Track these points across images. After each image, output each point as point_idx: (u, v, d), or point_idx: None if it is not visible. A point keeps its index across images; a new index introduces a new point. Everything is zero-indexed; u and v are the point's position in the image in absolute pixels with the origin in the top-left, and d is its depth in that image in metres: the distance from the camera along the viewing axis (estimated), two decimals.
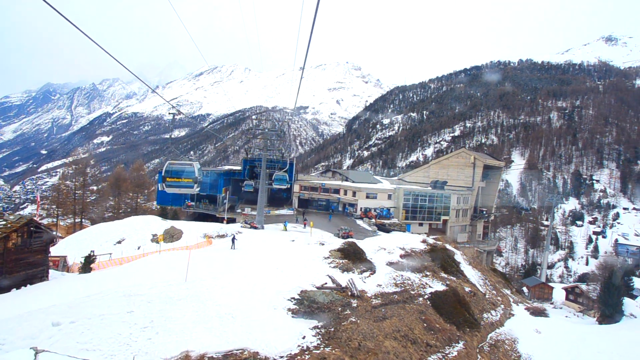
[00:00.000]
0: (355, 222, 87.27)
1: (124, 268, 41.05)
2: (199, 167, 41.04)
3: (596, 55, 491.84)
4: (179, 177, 39.51)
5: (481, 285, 55.44)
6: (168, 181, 39.56)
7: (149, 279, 33.40)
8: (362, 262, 44.44)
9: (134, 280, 33.35)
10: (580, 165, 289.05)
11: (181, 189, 40.37)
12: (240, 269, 38.19)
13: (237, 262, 41.30)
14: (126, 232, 67.71)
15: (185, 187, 39.83)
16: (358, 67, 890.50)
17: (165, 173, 39.65)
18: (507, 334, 44.76)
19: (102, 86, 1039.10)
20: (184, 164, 40.13)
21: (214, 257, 44.46)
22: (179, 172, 39.65)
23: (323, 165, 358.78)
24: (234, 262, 41.61)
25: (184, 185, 39.71)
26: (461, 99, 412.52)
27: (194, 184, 39.76)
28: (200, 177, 41.06)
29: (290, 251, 48.71)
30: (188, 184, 39.50)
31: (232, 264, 40.41)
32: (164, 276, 34.08)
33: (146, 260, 43.40)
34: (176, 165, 39.98)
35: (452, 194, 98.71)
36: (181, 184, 39.48)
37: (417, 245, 55.04)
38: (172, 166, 39.94)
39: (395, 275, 43.55)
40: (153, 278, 33.65)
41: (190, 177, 39.45)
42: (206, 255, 45.45)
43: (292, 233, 68.96)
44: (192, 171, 39.80)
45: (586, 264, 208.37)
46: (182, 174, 39.53)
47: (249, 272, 36.79)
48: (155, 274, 35.42)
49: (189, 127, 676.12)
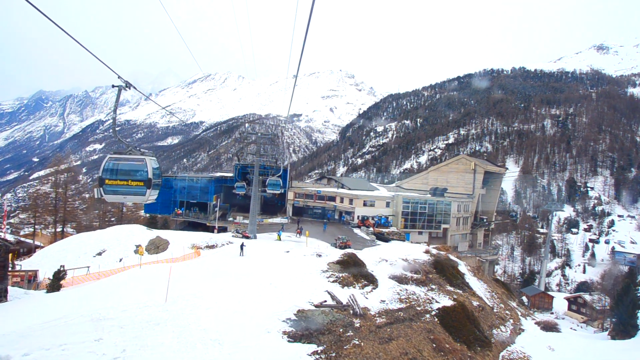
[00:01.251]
0: (353, 231, 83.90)
1: (97, 285, 37.06)
2: (156, 164, 26.63)
3: (588, 63, 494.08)
4: (125, 178, 25.40)
5: (488, 299, 52.24)
6: (108, 185, 25.07)
7: (124, 298, 29.63)
8: (363, 275, 41.13)
9: (107, 300, 29.60)
10: (575, 172, 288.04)
11: (127, 196, 25.73)
12: (229, 285, 34.65)
13: (226, 277, 37.58)
14: (108, 242, 62.83)
15: (134, 194, 25.48)
16: (351, 75, 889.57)
17: (103, 173, 25.24)
18: (519, 352, 41.43)
19: (95, 94, 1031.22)
20: (132, 160, 25.69)
21: (200, 271, 40.87)
22: (125, 171, 25.49)
23: (317, 173, 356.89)
24: (222, 277, 37.95)
25: (132, 192, 25.43)
26: (454, 107, 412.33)
27: (147, 189, 25.51)
28: (157, 179, 26.75)
29: (285, 264, 45.06)
30: (138, 190, 25.33)
31: (219, 280, 36.65)
32: (141, 295, 30.38)
33: (124, 276, 39.42)
34: (121, 162, 25.51)
35: (453, 202, 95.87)
36: (128, 189, 25.35)
37: (420, 256, 51.80)
38: (114, 163, 25.44)
39: (399, 289, 40.42)
40: (129, 297, 29.89)
41: (141, 179, 25.33)
42: (191, 269, 41.84)
43: (287, 243, 64.93)
44: (144, 170, 25.48)
45: (583, 272, 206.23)
46: (128, 175, 25.47)
47: (239, 289, 33.33)
48: (132, 293, 31.60)
49: (182, 134, 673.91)
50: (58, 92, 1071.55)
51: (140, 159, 25.56)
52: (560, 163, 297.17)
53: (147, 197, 25.52)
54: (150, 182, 25.48)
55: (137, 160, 25.52)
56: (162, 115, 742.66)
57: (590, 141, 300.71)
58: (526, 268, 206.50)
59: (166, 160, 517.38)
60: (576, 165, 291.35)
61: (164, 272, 35.78)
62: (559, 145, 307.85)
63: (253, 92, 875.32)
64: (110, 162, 25.23)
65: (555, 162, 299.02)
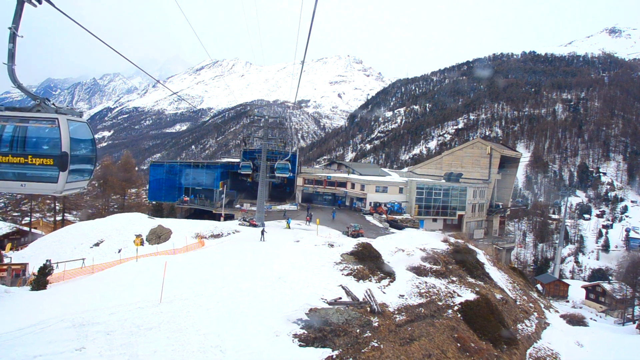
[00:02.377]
0: (365, 218, 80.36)
1: (88, 282, 34.01)
2: (85, 131, 15.61)
3: (600, 47, 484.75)
4: (20, 153, 13.66)
5: (510, 290, 49.47)
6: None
7: (115, 298, 26.62)
8: (379, 267, 38.42)
9: (95, 300, 26.58)
10: (587, 157, 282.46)
11: (25, 182, 13.87)
12: (234, 279, 31.56)
13: (230, 271, 34.44)
14: (106, 232, 58.44)
15: (38, 180, 13.92)
16: (359, 60, 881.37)
17: None
18: (546, 350, 38.71)
19: (103, 81, 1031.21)
20: (35, 121, 13.80)
21: (202, 264, 37.88)
22: (20, 140, 13.75)
23: (325, 159, 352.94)
24: (226, 270, 34.89)
25: (33, 176, 13.81)
26: (464, 92, 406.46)
27: (60, 171, 13.68)
28: (83, 154, 15.32)
29: (295, 255, 41.43)
30: (43, 172, 13.79)
31: (223, 274, 33.58)
32: (134, 294, 27.41)
33: (118, 271, 36.42)
34: (14, 124, 13.89)
35: (468, 187, 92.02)
36: (24, 170, 13.74)
37: (438, 246, 48.98)
38: (1, 125, 13.90)
39: (418, 282, 37.74)
40: (120, 297, 26.90)
41: (50, 155, 13.68)
42: (193, 261, 38.86)
43: (297, 231, 61.06)
44: (55, 138, 13.63)
45: (597, 258, 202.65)
46: (26, 146, 13.72)
47: (244, 285, 30.29)
48: (124, 291, 28.61)
49: (190, 121, 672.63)
50: (66, 80, 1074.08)
51: (49, 118, 13.80)
52: (572, 148, 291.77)
53: (61, 186, 13.96)
54: (66, 160, 13.72)
55: (42, 120, 13.85)
56: (170, 102, 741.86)
57: (602, 126, 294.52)
58: (538, 255, 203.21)
59: (175, 147, 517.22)
60: (588, 151, 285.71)
61: (162, 265, 32.19)
62: (571, 130, 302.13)
63: (261, 78, 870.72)
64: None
65: (566, 147, 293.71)
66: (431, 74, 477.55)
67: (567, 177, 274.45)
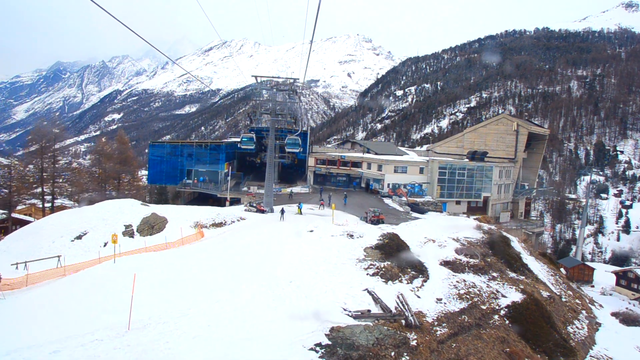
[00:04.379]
0: (383, 201, 74.74)
1: (43, 295, 26.95)
2: None
3: (616, 22, 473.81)
4: None
5: (553, 285, 43.76)
6: None
7: (68, 323, 20.58)
8: (409, 262, 32.95)
9: (40, 326, 20.52)
10: (603, 136, 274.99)
11: None
12: (233, 287, 25.90)
13: (229, 273, 28.76)
14: (91, 222, 50.31)
15: None
16: (369, 39, 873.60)
17: None
18: (605, 358, 33.01)
19: (112, 63, 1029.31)
20: None
21: (196, 263, 32.40)
22: None
23: (335, 139, 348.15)
24: (225, 272, 29.15)
25: None
26: (476, 70, 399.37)
27: None
28: None
29: (309, 248, 35.81)
30: None
31: (220, 278, 27.82)
32: (95, 316, 21.43)
33: (86, 278, 29.80)
34: None
35: (494, 167, 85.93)
36: None
37: (470, 234, 43.32)
38: None
39: (456, 280, 32.32)
40: (76, 321, 20.82)
41: None
42: (186, 260, 33.26)
43: (309, 218, 54.74)
44: None
45: (617, 239, 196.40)
46: None
47: (245, 294, 24.77)
48: (82, 311, 22.44)
49: (199, 102, 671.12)
50: (76, 63, 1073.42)
51: None
52: (588, 126, 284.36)
53: None
54: None
55: None
56: (179, 83, 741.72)
57: (619, 103, 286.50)
58: (557, 236, 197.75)
59: (184, 129, 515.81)
60: (604, 128, 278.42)
61: (149, 266, 27.28)
62: (586, 107, 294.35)
63: (270, 58, 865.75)
64: None
65: (582, 125, 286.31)
66: (442, 52, 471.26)
67: (583, 155, 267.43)
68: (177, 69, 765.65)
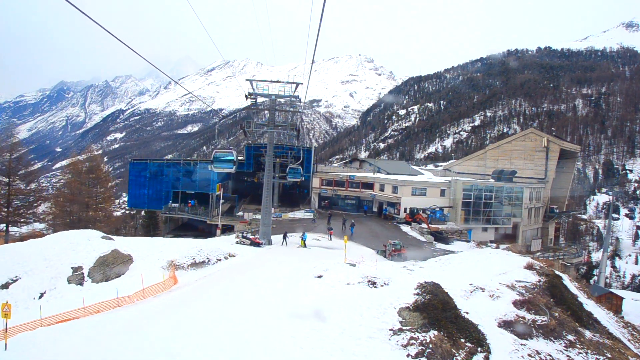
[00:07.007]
0: (400, 229, 68.34)
1: None
2: None
3: (617, 41, 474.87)
4: None
5: (630, 341, 34.00)
6: None
7: None
8: (459, 327, 24.91)
9: None
10: (611, 154, 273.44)
11: None
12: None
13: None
14: (29, 263, 39.23)
15: None
16: (371, 59, 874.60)
17: None
18: None
19: (115, 83, 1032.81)
20: None
21: (153, 335, 23.31)
22: None
23: (337, 158, 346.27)
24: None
25: None
26: (479, 88, 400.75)
27: None
28: None
29: (318, 310, 26.53)
30: None
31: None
32: None
33: None
34: None
35: (525, 188, 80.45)
36: None
37: (522, 275, 34.10)
38: None
39: (527, 353, 24.09)
40: None
41: None
42: (135, 334, 23.58)
43: (315, 252, 47.02)
44: None
45: (636, 262, 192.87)
46: None
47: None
48: None
49: (201, 122, 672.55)
50: (79, 83, 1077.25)
51: None
52: (595, 144, 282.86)
53: None
54: None
55: None
56: (181, 103, 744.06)
57: (626, 121, 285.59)
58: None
59: (186, 148, 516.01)
60: (612, 147, 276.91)
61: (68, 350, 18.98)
62: (592, 125, 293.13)
63: (272, 78, 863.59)
64: None
65: (588, 143, 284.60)
66: (444, 71, 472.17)
67: (591, 174, 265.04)
68: (180, 88, 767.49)
